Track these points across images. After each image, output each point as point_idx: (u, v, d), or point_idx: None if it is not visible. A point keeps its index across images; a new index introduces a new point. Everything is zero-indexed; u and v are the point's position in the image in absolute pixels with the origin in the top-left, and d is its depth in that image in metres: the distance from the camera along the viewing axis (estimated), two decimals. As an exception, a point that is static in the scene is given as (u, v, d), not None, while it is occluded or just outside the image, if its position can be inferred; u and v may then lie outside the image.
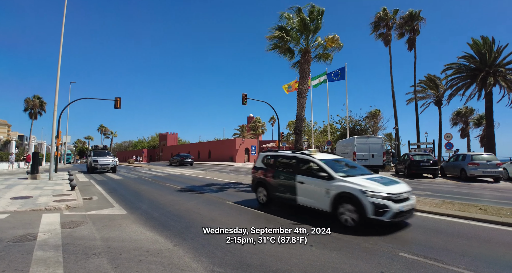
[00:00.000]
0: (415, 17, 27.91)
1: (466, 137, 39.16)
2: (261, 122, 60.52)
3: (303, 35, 13.28)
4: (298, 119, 13.14)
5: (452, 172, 16.78)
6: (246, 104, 24.40)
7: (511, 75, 22.51)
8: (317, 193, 6.42)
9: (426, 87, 32.26)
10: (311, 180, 6.68)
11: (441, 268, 3.74)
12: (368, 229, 5.60)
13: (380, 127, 31.17)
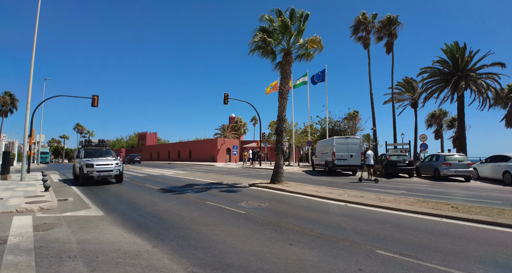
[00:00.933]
0: (393, 22, 28.78)
1: (440, 138, 40.76)
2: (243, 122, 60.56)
3: (285, 37, 13.39)
4: (279, 119, 13.24)
5: (426, 172, 17.43)
6: (227, 104, 24.39)
7: (481, 80, 23.64)
8: None
9: (403, 89, 33.35)
10: None
11: (415, 264, 3.87)
12: (347, 226, 5.74)
13: (358, 128, 31.96)
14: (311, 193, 9.93)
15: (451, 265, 3.83)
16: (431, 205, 7.65)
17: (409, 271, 3.64)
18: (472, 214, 6.53)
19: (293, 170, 24.62)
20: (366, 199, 8.62)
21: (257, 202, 8.66)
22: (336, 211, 7.47)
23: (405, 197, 9.13)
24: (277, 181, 12.68)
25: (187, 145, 54.17)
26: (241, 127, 59.35)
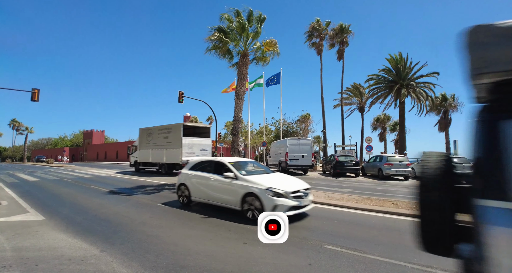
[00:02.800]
0: (345, 30, 30.43)
1: (384, 141, 44.10)
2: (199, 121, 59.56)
3: (242, 38, 13.51)
4: (235, 120, 13.31)
5: (371, 172, 18.75)
6: (182, 102, 23.74)
7: (419, 88, 26.07)
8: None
9: (352, 94, 35.44)
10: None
11: (359, 256, 4.19)
12: (298, 224, 5.99)
13: (310, 130, 33.35)
14: (265, 193, 10.11)
15: (390, 255, 4.21)
16: (375, 202, 8.28)
17: (354, 264, 3.94)
18: (409, 210, 7.19)
19: (248, 170, 24.81)
20: (316, 197, 9.01)
21: (212, 203, 8.61)
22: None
23: (352, 195, 9.76)
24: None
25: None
26: (196, 127, 58.36)
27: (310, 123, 34.77)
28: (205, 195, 7.58)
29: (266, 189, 6.20)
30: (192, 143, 18.80)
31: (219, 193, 7.20)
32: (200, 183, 7.75)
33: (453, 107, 30.97)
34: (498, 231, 1.08)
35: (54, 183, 14.33)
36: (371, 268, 3.80)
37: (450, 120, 31.24)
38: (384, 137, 43.78)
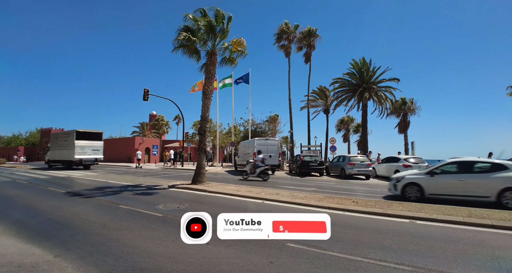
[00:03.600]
0: (312, 34, 31.22)
1: (347, 141, 45.88)
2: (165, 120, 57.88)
3: (210, 37, 13.40)
4: (202, 119, 13.18)
5: (334, 171, 19.44)
6: (147, 100, 23.05)
7: (381, 92, 27.45)
8: None
9: (318, 97, 36.48)
10: None
11: (319, 253, 4.36)
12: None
13: (278, 130, 33.86)
14: (232, 192, 10.17)
15: (349, 252, 4.43)
16: (336, 200, 8.62)
17: (314, 260, 4.09)
18: (368, 207, 7.58)
19: (216, 170, 24.70)
20: (281, 196, 9.24)
21: (176, 204, 8.49)
22: (253, 208, 7.83)
23: (315, 194, 10.06)
24: (199, 181, 12.60)
25: (100, 143, 49.41)
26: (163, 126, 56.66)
27: (278, 124, 35.31)
28: None
29: None
30: (84, 145, 24.49)
31: None
32: None
33: (411, 110, 32.92)
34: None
35: (5, 185, 13.31)
36: (329, 264, 3.98)
37: (409, 123, 33.17)
38: (348, 137, 45.55)
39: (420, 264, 3.97)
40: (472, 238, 5.33)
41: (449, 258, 4.22)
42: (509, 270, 3.82)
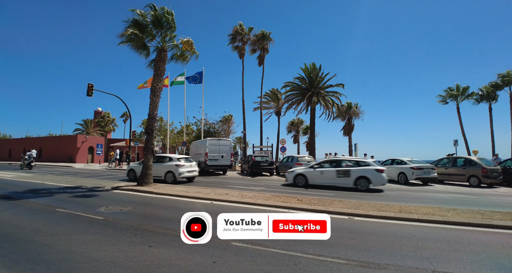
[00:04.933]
0: (266, 37, 31.82)
1: (297, 143, 47.49)
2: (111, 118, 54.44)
3: (159, 33, 12.98)
4: (150, 118, 12.69)
5: (284, 171, 19.94)
6: (91, 96, 21.58)
7: (328, 97, 28.88)
8: None
9: (270, 99, 37.25)
10: None
11: (262, 251, 4.48)
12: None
13: (231, 131, 33.85)
14: (180, 194, 9.96)
15: (289, 248, 4.61)
16: (283, 199, 8.90)
17: (256, 258, 4.20)
18: (312, 205, 7.97)
19: (165, 170, 23.91)
20: (230, 196, 9.29)
21: (120, 206, 8.09)
22: (201, 209, 7.76)
23: (264, 193, 10.29)
24: (145, 182, 12.10)
25: (36, 141, 44.79)
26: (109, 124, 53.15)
27: (232, 125, 35.32)
28: None
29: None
30: None
31: None
32: None
33: (356, 114, 35.17)
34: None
35: None
36: (270, 260, 4.11)
37: (353, 126, 35.39)
38: (298, 139, 47.18)
39: (353, 257, 4.28)
40: (401, 231, 5.88)
41: (380, 250, 4.61)
42: (428, 258, 4.29)
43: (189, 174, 14.93)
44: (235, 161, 25.70)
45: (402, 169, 15.70)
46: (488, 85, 31.06)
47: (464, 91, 31.76)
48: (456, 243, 5.14)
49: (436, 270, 3.89)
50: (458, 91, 31.90)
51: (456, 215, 6.90)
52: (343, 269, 3.88)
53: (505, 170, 15.28)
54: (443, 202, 9.48)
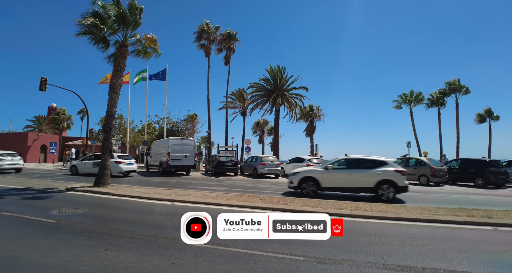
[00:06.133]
0: (232, 37, 31.76)
1: (262, 143, 48.01)
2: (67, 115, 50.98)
3: (121, 28, 12.43)
4: (108, 115, 12.09)
5: (248, 171, 20.19)
6: (45, 90, 20.11)
7: (292, 99, 29.55)
8: None
9: (236, 99, 37.28)
10: None
11: (222, 250, 4.49)
12: (169, 225, 5.94)
13: (196, 130, 33.35)
14: (140, 195, 9.63)
15: (250, 247, 4.66)
16: (245, 198, 8.96)
17: (216, 258, 4.20)
18: (273, 204, 8.11)
19: (125, 171, 22.95)
20: (192, 196, 9.16)
21: (74, 209, 7.66)
22: (161, 210, 7.57)
23: (227, 193, 10.28)
24: (102, 183, 11.50)
25: (-21, 139, 40.76)
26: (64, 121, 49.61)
27: (197, 124, 34.79)
28: None
29: None
30: None
31: None
32: None
33: (317, 116, 36.31)
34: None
35: None
36: (230, 260, 4.13)
37: (315, 128, 36.49)
38: (263, 139, 47.68)
39: (311, 254, 4.44)
40: (356, 228, 6.19)
41: (335, 247, 4.82)
42: (380, 253, 4.56)
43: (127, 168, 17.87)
44: (199, 161, 25.31)
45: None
46: (437, 92, 33.69)
47: (416, 97, 34.16)
48: (405, 238, 5.52)
49: (386, 263, 4.15)
50: (412, 96, 34.23)
51: (406, 212, 7.39)
52: (301, 265, 4.01)
53: (450, 169, 16.67)
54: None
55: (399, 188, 9.85)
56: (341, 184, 10.36)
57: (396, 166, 10.48)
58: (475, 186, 15.44)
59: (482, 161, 16.51)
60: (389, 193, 9.78)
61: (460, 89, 32.75)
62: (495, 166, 15.72)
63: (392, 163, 10.40)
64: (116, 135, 33.31)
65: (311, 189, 10.44)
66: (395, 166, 10.27)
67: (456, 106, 33.47)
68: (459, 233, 5.93)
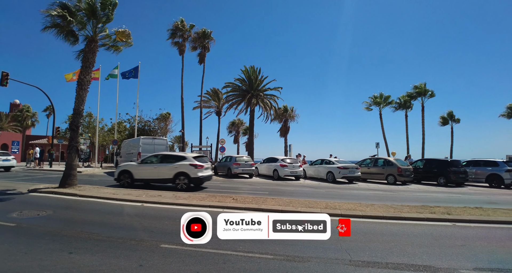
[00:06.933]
0: (207, 36, 31.47)
1: (237, 143, 47.96)
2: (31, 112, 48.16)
3: (91, 22, 11.95)
4: (76, 113, 11.57)
5: (222, 170, 20.05)
6: (6, 85, 18.92)
7: (267, 100, 29.80)
8: None
9: (211, 98, 36.95)
10: None
11: (192, 251, 4.46)
12: (138, 226, 5.80)
13: (169, 129, 32.73)
14: (108, 196, 9.31)
15: (221, 247, 4.64)
16: (218, 198, 8.92)
17: (185, 258, 4.16)
18: (246, 204, 8.14)
19: (94, 171, 22.07)
20: (163, 197, 8.99)
21: (36, 211, 7.27)
22: (131, 212, 7.38)
23: (199, 193, 10.17)
24: (68, 184, 10.99)
25: None
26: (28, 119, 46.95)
27: (170, 123, 34.15)
28: None
29: None
30: None
31: None
32: None
33: (291, 117, 36.87)
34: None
35: None
36: (200, 260, 4.11)
37: (289, 128, 37.03)
38: (238, 139, 47.66)
39: (280, 252, 4.51)
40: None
41: (304, 245, 4.88)
42: (347, 250, 4.72)
43: None
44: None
45: (330, 168, 16.95)
46: (405, 95, 35.28)
47: (386, 99, 35.58)
48: (371, 235, 5.74)
49: (353, 259, 4.30)
50: (381, 99, 35.60)
51: (373, 210, 7.68)
52: (270, 263, 4.06)
53: (416, 169, 17.53)
54: (364, 198, 10.47)
55: (191, 179, 11.51)
56: (149, 176, 12.10)
57: (192, 160, 11.80)
58: (438, 185, 16.32)
59: (444, 161, 17.48)
60: (183, 183, 11.51)
61: (426, 93, 34.51)
62: (456, 165, 16.72)
63: (190, 158, 11.99)
64: (84, 134, 31.92)
65: (127, 180, 12.12)
66: (191, 161, 11.78)
67: (422, 109, 35.24)
68: (421, 229, 6.26)
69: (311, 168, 19.01)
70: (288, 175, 17.70)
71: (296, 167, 17.87)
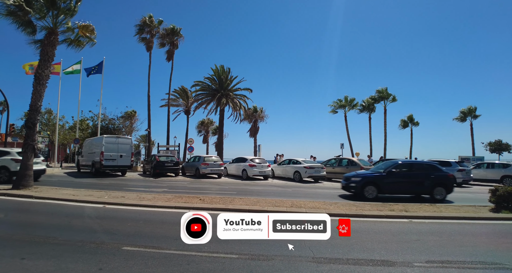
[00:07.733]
0: (176, 33, 30.79)
1: (207, 143, 47.44)
2: (-21, 108, 44.48)
3: (51, 13, 11.29)
4: (32, 110, 10.83)
5: (190, 171, 19.77)
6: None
7: (237, 100, 29.81)
8: None
9: (179, 97, 36.17)
10: None
11: (155, 253, 4.38)
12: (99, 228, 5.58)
13: (134, 128, 31.71)
14: (67, 198, 8.86)
15: (185, 248, 4.56)
16: (185, 199, 8.81)
17: (148, 261, 4.07)
18: (213, 204, 8.13)
19: (53, 171, 20.83)
20: (126, 199, 8.73)
21: (-16, 214, 6.76)
22: (91, 214, 7.07)
23: (165, 194, 9.97)
24: (23, 185, 10.28)
25: None
26: (-23, 115, 43.35)
27: (136, 121, 33.03)
28: None
29: None
30: None
31: None
32: None
33: (261, 118, 37.21)
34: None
35: None
36: (163, 262, 4.05)
37: (258, 129, 37.33)
38: (207, 139, 47.14)
39: (245, 251, 4.56)
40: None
41: (269, 243, 4.93)
42: (310, 247, 4.86)
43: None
44: (137, 161, 24.02)
45: (297, 168, 17.33)
46: (369, 99, 36.95)
47: (350, 102, 37.07)
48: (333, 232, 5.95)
49: (315, 256, 4.45)
50: (346, 102, 37.01)
51: (337, 208, 7.99)
52: (235, 263, 4.09)
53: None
54: (329, 197, 10.84)
55: (11, 172, 12.00)
56: None
57: (16, 155, 12.32)
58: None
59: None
60: (4, 176, 12.18)
61: (388, 97, 36.40)
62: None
63: (14, 153, 12.56)
64: (42, 132, 30.03)
65: None
66: (14, 155, 12.38)
67: (384, 112, 37.10)
68: (381, 225, 6.62)
69: (279, 168, 19.29)
70: (256, 174, 17.84)
71: (265, 167, 18.06)
